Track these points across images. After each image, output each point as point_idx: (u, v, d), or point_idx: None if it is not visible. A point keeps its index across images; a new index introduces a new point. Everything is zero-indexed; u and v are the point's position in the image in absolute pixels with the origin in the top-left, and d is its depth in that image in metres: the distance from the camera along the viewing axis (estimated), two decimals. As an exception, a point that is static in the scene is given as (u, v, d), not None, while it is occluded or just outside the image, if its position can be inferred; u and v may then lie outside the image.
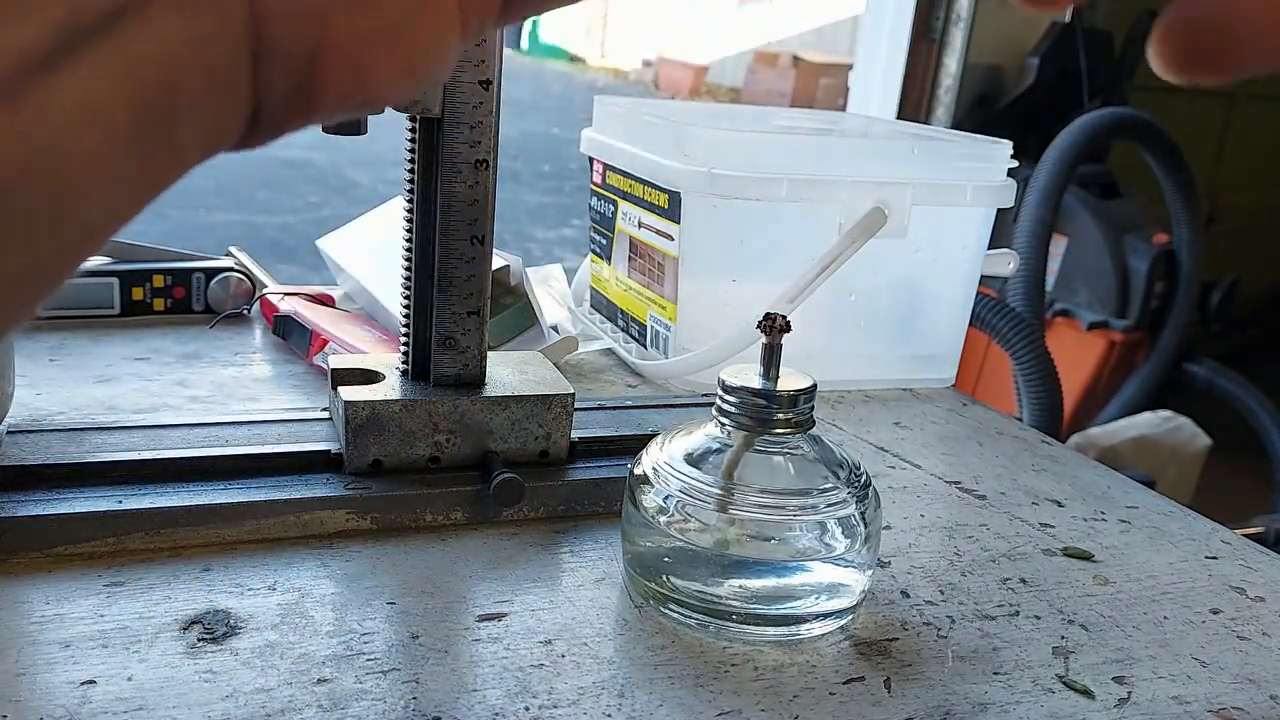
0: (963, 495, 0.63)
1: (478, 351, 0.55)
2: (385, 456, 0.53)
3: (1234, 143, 3.60)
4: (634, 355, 0.81)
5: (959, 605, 0.50)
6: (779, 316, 0.46)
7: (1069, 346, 2.27)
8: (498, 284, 0.76)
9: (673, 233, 0.74)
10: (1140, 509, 0.64)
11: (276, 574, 0.47)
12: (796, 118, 0.98)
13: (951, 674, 0.45)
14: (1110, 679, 0.45)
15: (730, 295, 0.75)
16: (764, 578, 0.46)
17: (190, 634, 0.42)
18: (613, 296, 0.87)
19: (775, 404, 0.46)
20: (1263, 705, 0.44)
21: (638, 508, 0.47)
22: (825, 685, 0.43)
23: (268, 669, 0.41)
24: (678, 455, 0.47)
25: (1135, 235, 2.32)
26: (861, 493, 0.47)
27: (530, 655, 0.43)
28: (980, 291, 0.95)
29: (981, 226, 0.80)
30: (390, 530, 0.52)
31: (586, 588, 0.49)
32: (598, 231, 0.88)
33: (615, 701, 0.41)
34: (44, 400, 0.64)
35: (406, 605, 0.46)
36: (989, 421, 0.77)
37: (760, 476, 0.46)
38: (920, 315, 0.82)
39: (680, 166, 0.72)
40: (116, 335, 0.78)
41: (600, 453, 0.58)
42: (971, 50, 2.33)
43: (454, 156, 0.51)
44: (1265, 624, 0.51)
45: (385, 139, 0.68)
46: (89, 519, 0.47)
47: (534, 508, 0.54)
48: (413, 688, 0.40)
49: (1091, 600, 0.52)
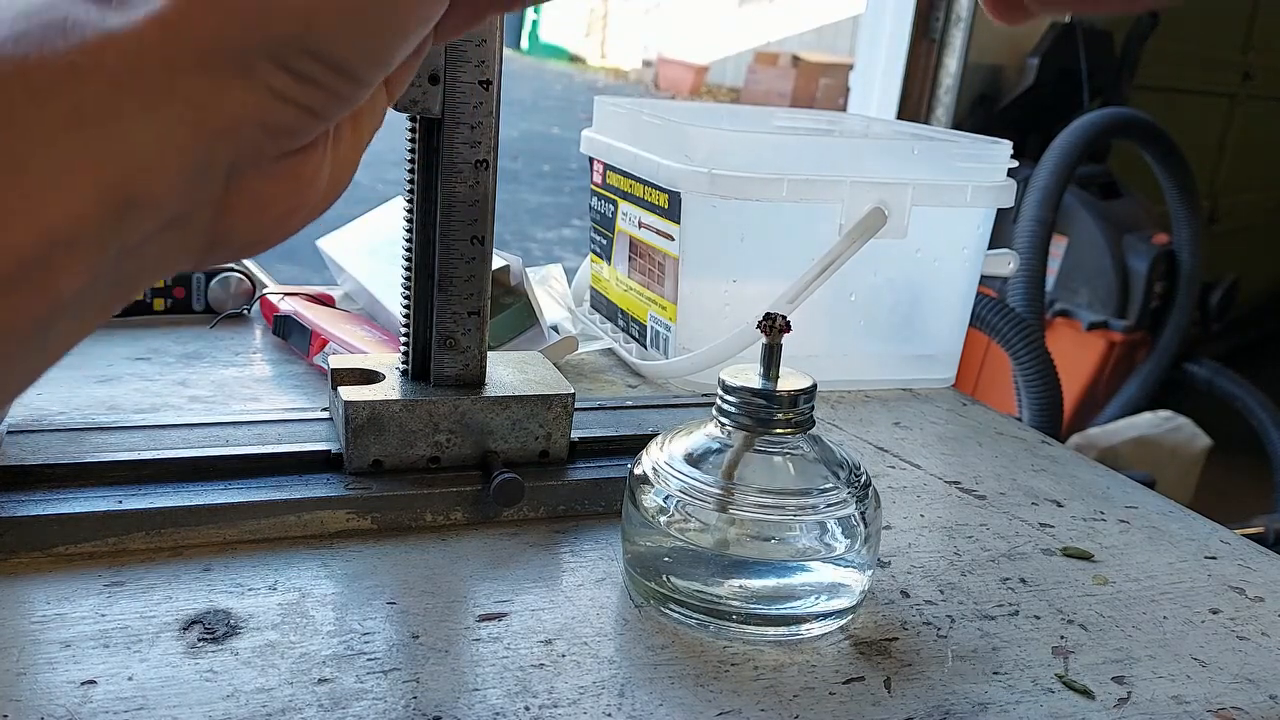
0: (962, 495, 0.64)
1: (478, 351, 0.55)
2: (385, 456, 0.53)
3: (1234, 143, 3.60)
4: (634, 355, 0.81)
5: (959, 605, 0.50)
6: (779, 316, 0.46)
7: (1069, 346, 2.27)
8: (498, 284, 0.76)
9: (673, 233, 0.75)
10: (1140, 509, 0.64)
11: (277, 574, 0.47)
12: (796, 118, 0.98)
13: (951, 674, 0.45)
14: (1110, 679, 0.45)
15: (730, 295, 0.75)
16: (764, 578, 0.46)
17: (191, 634, 0.42)
18: (613, 296, 0.87)
19: (775, 404, 0.46)
20: (1262, 705, 0.44)
21: (638, 508, 0.47)
22: (825, 685, 0.43)
23: (268, 669, 0.41)
24: (678, 455, 0.47)
25: (1135, 235, 2.32)
26: (861, 493, 0.47)
27: (530, 655, 0.43)
28: (980, 291, 0.95)
29: (981, 226, 0.80)
30: (390, 530, 0.52)
31: (586, 588, 0.49)
32: (598, 231, 0.88)
33: (615, 701, 0.41)
34: (44, 400, 0.64)
35: (407, 605, 0.46)
36: (989, 421, 0.77)
37: (760, 476, 0.46)
38: (920, 315, 0.82)
39: (680, 166, 0.72)
40: (117, 335, 0.78)
41: (600, 453, 0.58)
42: (971, 50, 2.33)
43: (454, 156, 0.51)
44: (1264, 624, 0.51)
45: (385, 139, 0.68)
46: (89, 519, 0.47)
47: (534, 508, 0.54)
48: (413, 687, 0.40)
49: (1091, 600, 0.52)
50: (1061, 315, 2.37)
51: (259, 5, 0.22)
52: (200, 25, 0.21)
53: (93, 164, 0.20)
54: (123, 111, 0.21)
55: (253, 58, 0.22)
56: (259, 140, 0.23)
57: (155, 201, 0.22)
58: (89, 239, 0.21)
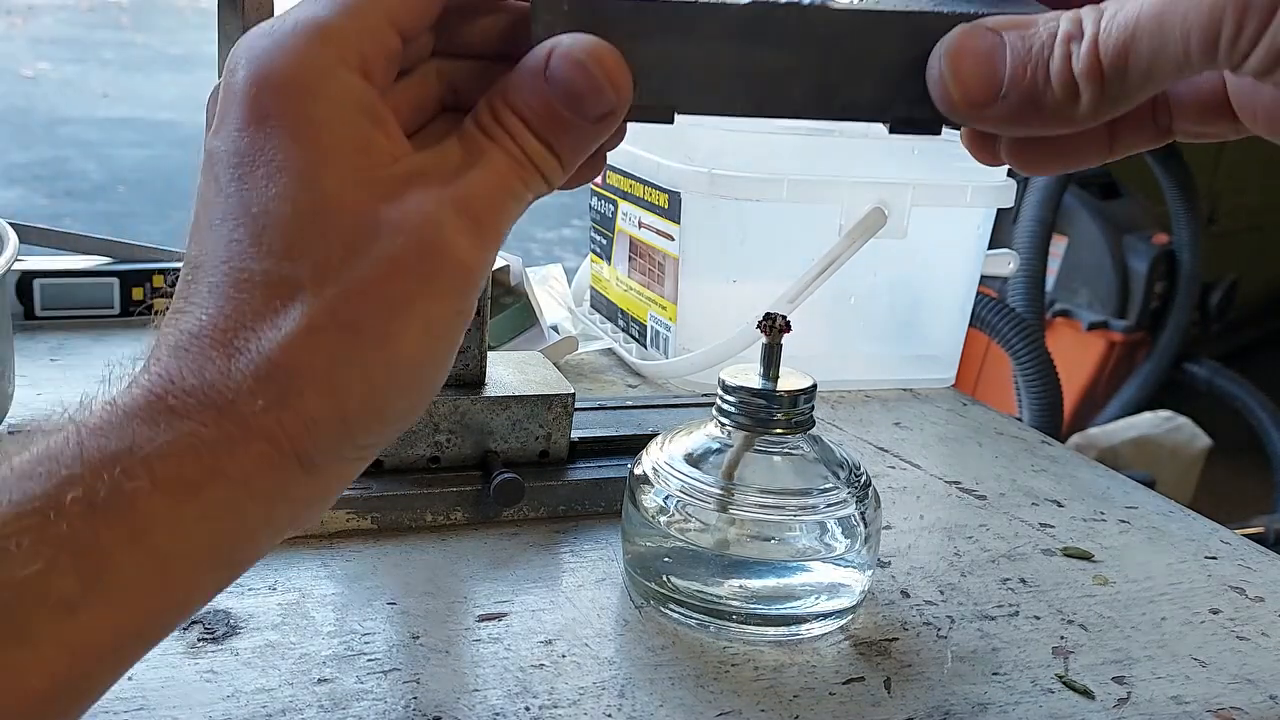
0: (963, 495, 0.64)
1: (478, 351, 0.55)
2: (385, 456, 0.53)
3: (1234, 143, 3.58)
4: (634, 355, 0.81)
5: (959, 605, 0.50)
6: (779, 316, 0.46)
7: (1069, 346, 2.27)
8: (498, 284, 0.76)
9: (673, 233, 0.75)
10: (1140, 509, 0.64)
11: (277, 574, 0.47)
12: (797, 118, 0.98)
13: (951, 674, 0.45)
14: (1109, 679, 0.45)
15: (730, 295, 0.75)
16: (764, 578, 0.46)
17: (191, 634, 0.42)
18: (613, 296, 0.87)
19: (775, 404, 0.46)
20: (1261, 705, 0.44)
21: (638, 508, 0.47)
22: (825, 685, 0.43)
23: (268, 669, 0.41)
24: (678, 455, 0.47)
25: (1135, 235, 2.32)
26: (861, 493, 0.47)
27: (530, 655, 0.43)
28: (980, 291, 0.95)
29: (981, 226, 0.80)
30: (391, 530, 0.52)
31: (586, 588, 0.49)
32: (598, 231, 0.88)
33: (615, 701, 0.41)
34: (44, 400, 0.64)
35: (407, 605, 0.46)
36: (989, 421, 0.77)
37: (760, 476, 0.46)
38: (920, 315, 0.82)
39: (680, 166, 0.72)
40: (117, 335, 0.78)
41: (600, 453, 0.58)
42: (971, 50, 2.32)
43: (454, 157, 0.51)
44: (1264, 624, 0.51)
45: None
46: (90, 519, 0.47)
47: (534, 508, 0.54)
48: (413, 688, 0.40)
49: (1091, 600, 0.52)
50: (1061, 315, 2.37)
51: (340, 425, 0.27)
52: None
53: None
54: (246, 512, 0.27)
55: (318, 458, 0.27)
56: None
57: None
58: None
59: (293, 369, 0.26)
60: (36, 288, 0.79)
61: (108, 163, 4.74)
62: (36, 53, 6.71)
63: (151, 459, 0.25)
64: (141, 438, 0.25)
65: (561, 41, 0.28)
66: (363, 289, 0.27)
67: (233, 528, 0.26)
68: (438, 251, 0.27)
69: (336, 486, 0.29)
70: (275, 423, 0.26)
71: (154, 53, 7.27)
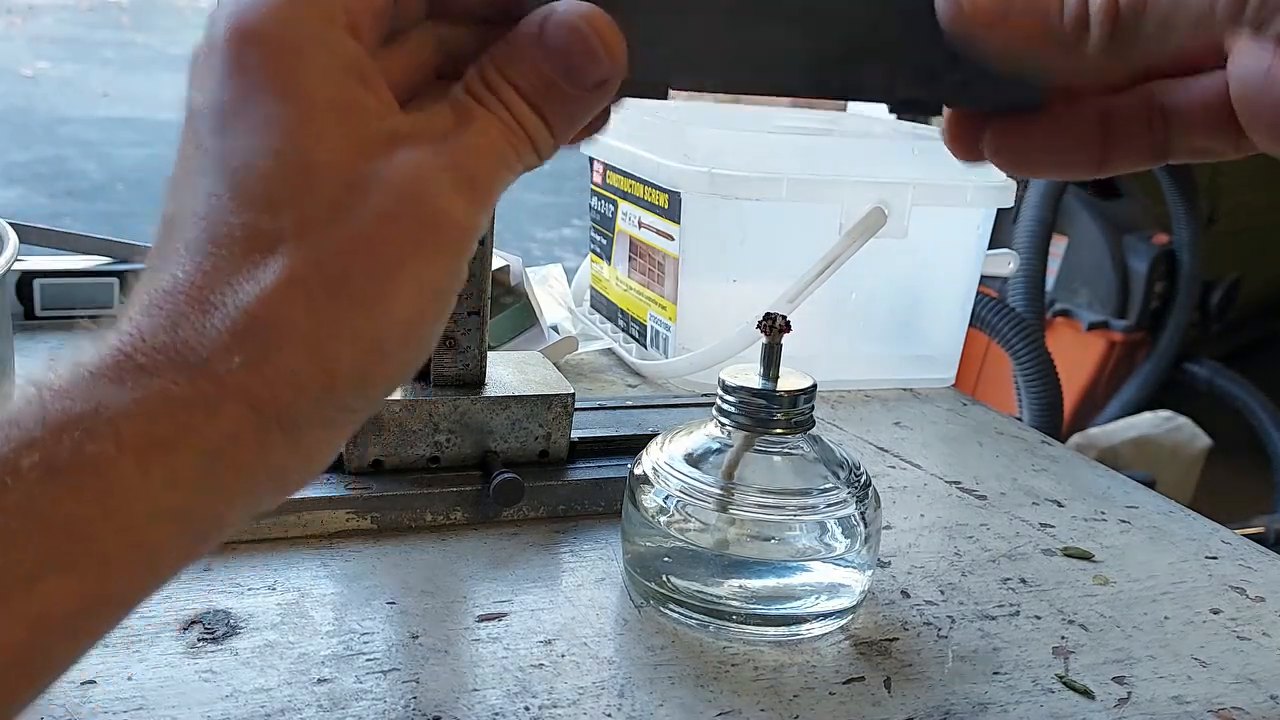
0: (963, 495, 0.63)
1: (478, 351, 0.55)
2: (385, 456, 0.53)
3: (1234, 143, 3.59)
4: (634, 355, 0.81)
5: (959, 605, 0.50)
6: (779, 316, 0.46)
7: (1069, 346, 2.26)
8: (498, 284, 0.76)
9: (673, 233, 0.74)
10: (1140, 509, 0.64)
11: (276, 574, 0.47)
12: (796, 118, 0.98)
13: (951, 674, 0.45)
14: (1110, 679, 0.45)
15: (730, 295, 0.75)
16: (764, 578, 0.46)
17: (190, 633, 0.42)
18: (613, 296, 0.87)
19: (775, 404, 0.46)
20: (1263, 705, 0.44)
21: (638, 508, 0.47)
22: (825, 685, 0.43)
23: (268, 669, 0.41)
24: (678, 455, 0.47)
25: (1135, 235, 2.32)
26: (861, 493, 0.47)
27: (530, 655, 0.43)
28: (980, 291, 0.95)
29: (981, 226, 0.80)
30: (390, 530, 0.52)
31: (586, 588, 0.49)
32: (598, 231, 0.88)
33: (615, 701, 0.41)
34: (44, 400, 0.64)
35: (406, 605, 0.46)
36: (989, 421, 0.77)
37: (760, 476, 0.46)
38: (920, 315, 0.82)
39: (680, 166, 0.72)
40: (116, 335, 0.78)
41: (600, 453, 0.58)
42: (971, 50, 2.32)
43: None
44: (1265, 624, 0.51)
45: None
46: (89, 519, 0.47)
47: (534, 508, 0.54)
48: (413, 687, 0.40)
49: (1091, 600, 0.52)
50: (1061, 315, 2.37)
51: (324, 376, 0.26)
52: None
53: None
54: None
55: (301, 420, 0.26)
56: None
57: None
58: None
59: (272, 322, 0.25)
60: (36, 288, 0.79)
61: (107, 162, 4.75)
62: (36, 52, 6.71)
63: (117, 419, 0.23)
64: (107, 397, 0.23)
65: (557, 8, 0.28)
66: (351, 246, 0.25)
67: (207, 496, 0.25)
68: (430, 209, 0.26)
69: (319, 455, 0.28)
70: (253, 381, 0.25)
71: (154, 52, 7.27)
